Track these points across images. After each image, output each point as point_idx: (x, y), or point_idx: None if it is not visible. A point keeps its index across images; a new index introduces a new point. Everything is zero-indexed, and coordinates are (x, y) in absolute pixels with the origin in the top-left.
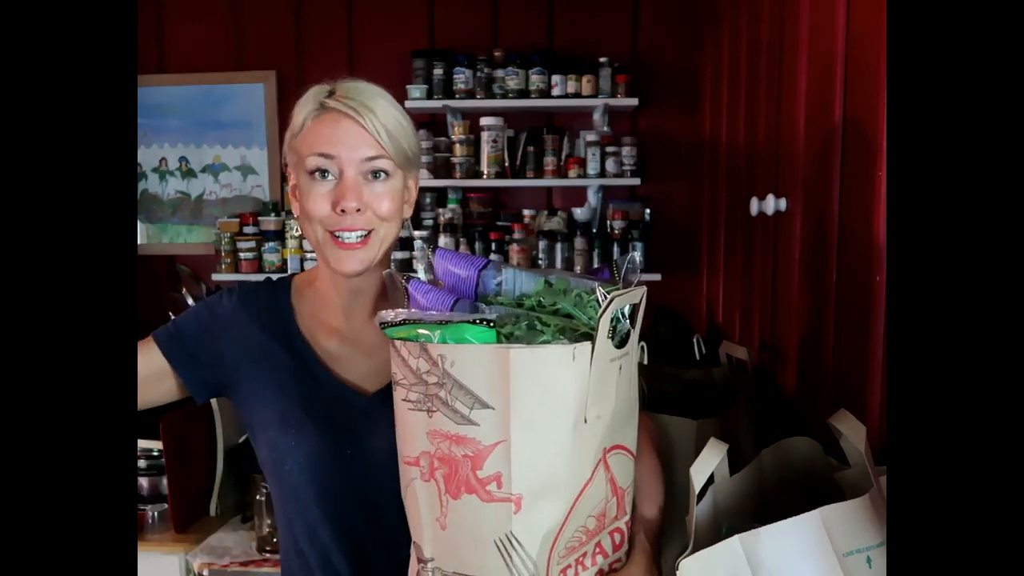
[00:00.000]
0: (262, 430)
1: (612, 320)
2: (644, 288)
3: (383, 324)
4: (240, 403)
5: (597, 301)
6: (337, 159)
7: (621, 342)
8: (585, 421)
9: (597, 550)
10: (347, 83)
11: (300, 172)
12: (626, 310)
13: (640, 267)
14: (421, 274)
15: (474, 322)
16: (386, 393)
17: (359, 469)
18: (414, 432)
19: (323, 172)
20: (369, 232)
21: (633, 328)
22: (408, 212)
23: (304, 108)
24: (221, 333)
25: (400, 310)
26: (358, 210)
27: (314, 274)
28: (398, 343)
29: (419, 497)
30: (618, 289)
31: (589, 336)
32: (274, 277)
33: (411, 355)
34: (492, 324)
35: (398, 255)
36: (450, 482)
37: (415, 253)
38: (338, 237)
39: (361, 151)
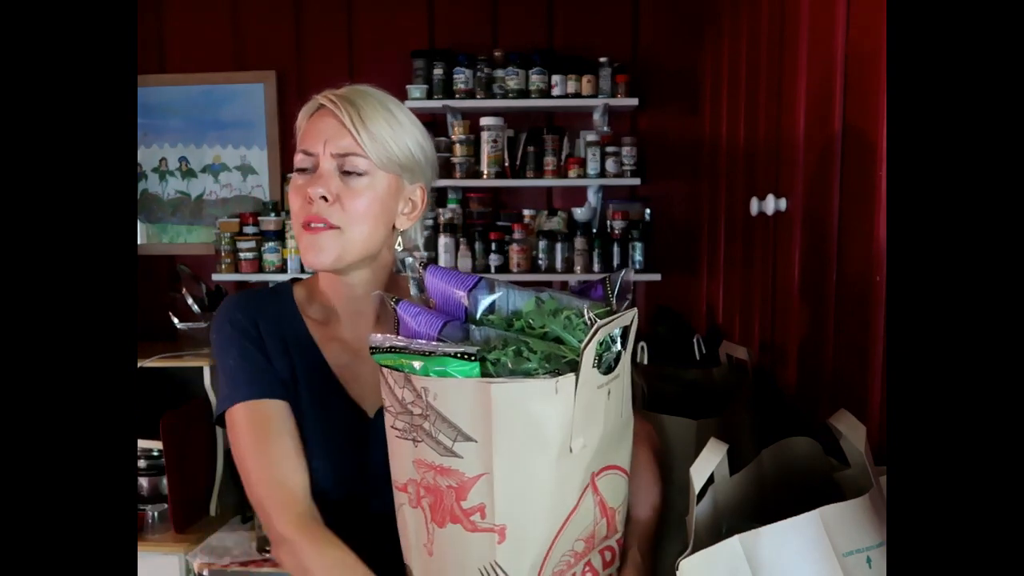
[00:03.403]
0: None
1: (599, 348)
2: (635, 311)
3: (373, 349)
4: None
5: (585, 324)
6: (315, 154)
7: (609, 368)
8: (571, 451)
9: (587, 569)
10: (351, 85)
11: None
12: (616, 332)
13: (632, 286)
14: (413, 290)
15: (456, 355)
16: (382, 415)
17: (358, 488)
18: (402, 459)
19: (304, 164)
20: (337, 228)
21: (624, 350)
22: (406, 224)
23: (304, 110)
24: (264, 350)
25: (389, 335)
26: (325, 198)
27: (315, 284)
28: (386, 371)
29: (408, 522)
30: (607, 313)
31: (576, 364)
32: (271, 284)
33: (397, 384)
34: (473, 357)
35: None
36: (435, 511)
37: (407, 271)
38: (309, 227)
39: (335, 144)
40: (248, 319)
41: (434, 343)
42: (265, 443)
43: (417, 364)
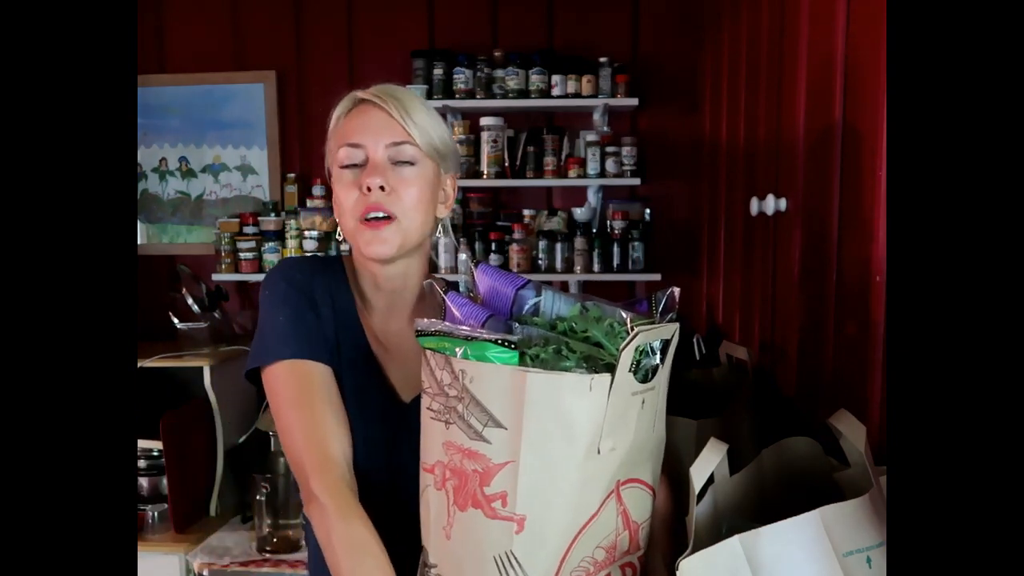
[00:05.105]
0: None
1: (637, 354)
2: (676, 325)
3: (418, 332)
4: None
5: (627, 332)
6: (364, 147)
7: (645, 377)
8: (598, 452)
9: None
10: (377, 85)
11: (334, 168)
12: (656, 345)
13: (676, 304)
14: (462, 287)
15: (497, 342)
16: (418, 402)
17: (389, 473)
18: (432, 440)
19: (354, 159)
20: (395, 218)
21: (663, 364)
22: (443, 213)
23: (338, 110)
24: (318, 315)
25: (435, 320)
26: (382, 188)
27: (355, 268)
28: (428, 352)
29: (431, 504)
30: (649, 323)
31: (613, 367)
32: (321, 255)
33: (437, 366)
34: (514, 346)
35: None
36: (459, 494)
37: (458, 265)
38: (367, 219)
39: (386, 136)
40: (306, 281)
41: (478, 330)
42: (310, 403)
43: (459, 349)
